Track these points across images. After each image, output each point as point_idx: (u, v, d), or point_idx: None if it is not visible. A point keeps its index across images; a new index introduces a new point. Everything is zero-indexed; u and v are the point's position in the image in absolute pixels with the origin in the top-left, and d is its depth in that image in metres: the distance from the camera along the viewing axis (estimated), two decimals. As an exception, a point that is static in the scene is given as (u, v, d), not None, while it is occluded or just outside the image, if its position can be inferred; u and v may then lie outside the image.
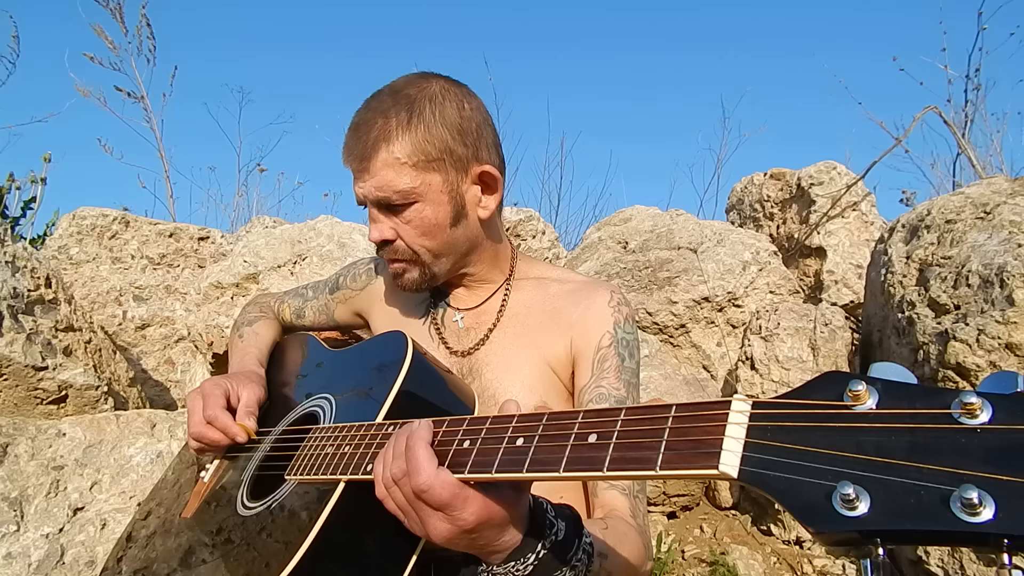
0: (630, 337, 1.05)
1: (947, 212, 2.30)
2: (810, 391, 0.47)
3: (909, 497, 0.40)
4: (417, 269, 1.05)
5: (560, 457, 0.58)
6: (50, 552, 1.67)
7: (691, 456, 0.50)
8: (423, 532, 0.68)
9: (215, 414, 1.01)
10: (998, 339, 1.87)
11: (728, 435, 0.48)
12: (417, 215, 1.00)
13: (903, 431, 0.42)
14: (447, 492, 0.64)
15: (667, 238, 3.23)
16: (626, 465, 0.54)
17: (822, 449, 0.44)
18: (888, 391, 0.44)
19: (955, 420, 0.41)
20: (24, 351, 1.86)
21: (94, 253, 2.74)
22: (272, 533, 0.83)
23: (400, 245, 1.02)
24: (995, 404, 0.40)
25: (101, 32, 4.64)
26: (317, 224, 2.80)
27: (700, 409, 0.52)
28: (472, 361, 1.07)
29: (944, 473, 0.39)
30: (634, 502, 0.95)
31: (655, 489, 2.52)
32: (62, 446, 1.82)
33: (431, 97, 0.99)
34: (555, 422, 0.61)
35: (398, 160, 0.96)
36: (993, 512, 0.38)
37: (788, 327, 2.61)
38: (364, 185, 0.99)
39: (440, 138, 0.98)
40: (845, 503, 0.41)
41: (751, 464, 0.47)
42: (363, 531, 0.78)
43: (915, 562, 1.98)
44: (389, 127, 0.97)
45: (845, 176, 3.38)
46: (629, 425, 0.56)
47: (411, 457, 0.67)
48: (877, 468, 0.41)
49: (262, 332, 1.31)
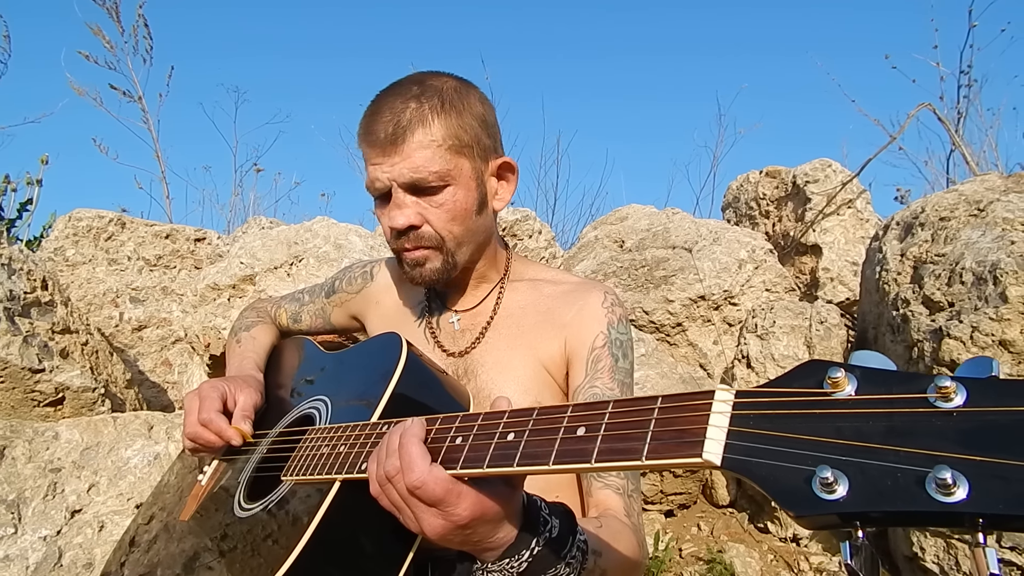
0: (624, 337, 1.06)
1: (941, 209, 2.31)
2: (791, 379, 0.48)
3: (886, 479, 0.41)
4: (440, 258, 1.03)
5: (550, 451, 0.59)
6: (48, 554, 1.67)
7: (676, 446, 0.51)
8: (418, 529, 0.68)
9: (210, 417, 1.01)
10: (992, 336, 1.88)
11: (712, 424, 0.49)
12: (450, 198, 1.00)
13: (880, 416, 0.43)
14: (440, 488, 0.64)
15: (663, 237, 3.24)
16: (613, 456, 0.54)
17: (802, 435, 0.44)
18: (866, 378, 0.45)
19: (931, 404, 0.41)
20: (21, 353, 1.86)
21: (90, 255, 2.74)
22: (268, 534, 0.84)
23: (427, 231, 1.01)
24: (970, 388, 0.41)
25: (98, 31, 4.65)
26: (313, 226, 2.81)
27: (684, 400, 0.53)
28: (467, 362, 1.08)
29: (919, 455, 0.40)
30: (628, 501, 0.95)
31: (652, 487, 2.52)
32: (59, 448, 1.82)
33: (456, 89, 1.02)
34: (545, 416, 0.62)
35: (434, 142, 0.97)
36: (967, 492, 0.38)
37: (784, 325, 2.62)
38: (394, 167, 0.98)
39: (470, 126, 1.01)
40: (824, 487, 0.42)
41: (734, 452, 0.48)
42: (359, 529, 0.79)
43: (911, 558, 1.99)
44: (423, 111, 0.98)
45: (840, 173, 3.40)
46: (616, 418, 0.57)
47: (404, 454, 0.67)
48: (855, 452, 0.42)
49: (260, 337, 1.31)
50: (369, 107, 1.03)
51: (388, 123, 0.97)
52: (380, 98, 1.02)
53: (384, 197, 1.02)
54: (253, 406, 1.07)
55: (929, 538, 1.91)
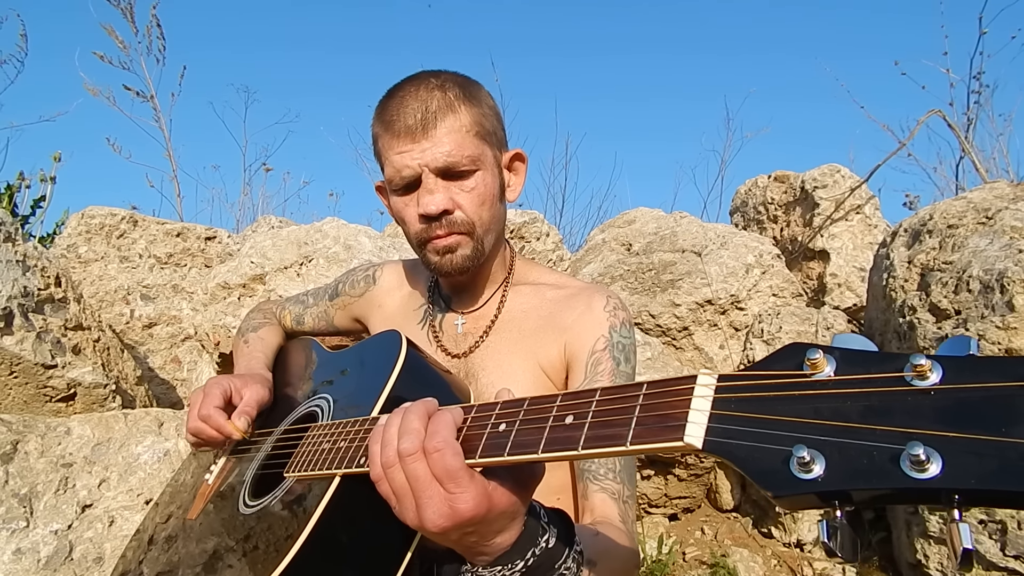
0: (626, 341, 1.05)
1: (949, 217, 2.30)
2: (772, 362, 0.49)
3: (862, 458, 0.41)
4: (471, 244, 1.03)
5: (539, 439, 0.59)
6: (59, 548, 1.69)
7: (659, 430, 0.51)
8: (415, 519, 0.64)
9: (209, 412, 1.03)
10: (998, 344, 1.86)
11: (694, 408, 0.50)
12: (481, 182, 1.01)
13: (858, 396, 0.43)
14: (458, 461, 0.62)
15: (671, 240, 3.24)
16: (599, 442, 0.55)
17: (781, 416, 0.45)
18: (845, 359, 0.45)
19: (907, 382, 0.42)
20: (34, 349, 1.89)
21: (102, 252, 2.78)
22: (271, 530, 0.84)
23: (459, 216, 1.01)
24: (945, 366, 0.42)
25: (111, 31, 4.72)
26: (323, 226, 2.83)
27: (668, 385, 0.54)
28: (468, 364, 1.08)
29: (895, 433, 0.41)
30: (624, 507, 0.94)
31: (657, 491, 2.52)
32: (71, 444, 1.85)
33: (468, 82, 1.05)
34: (535, 407, 0.63)
35: (463, 127, 0.99)
36: (940, 468, 0.39)
37: (790, 330, 2.62)
38: (425, 153, 0.98)
39: (490, 116, 1.03)
40: (801, 466, 0.43)
41: (715, 435, 0.48)
42: (360, 524, 0.79)
43: (914, 565, 1.97)
44: (449, 99, 0.99)
45: (849, 179, 3.39)
46: (603, 405, 0.58)
47: (435, 421, 0.65)
48: (832, 432, 0.43)
49: (267, 337, 1.33)
50: (386, 101, 1.03)
51: (415, 111, 0.98)
52: (397, 91, 1.02)
53: (408, 187, 1.02)
54: (258, 402, 1.08)
55: (933, 545, 1.90)
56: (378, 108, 1.04)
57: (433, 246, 1.03)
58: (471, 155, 0.99)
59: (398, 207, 1.05)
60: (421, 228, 1.02)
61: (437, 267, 1.05)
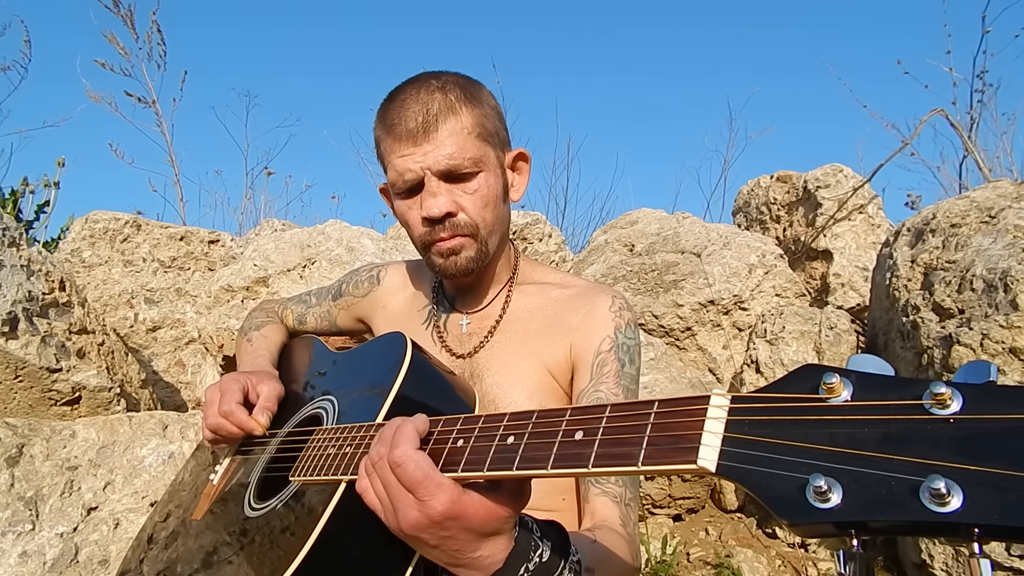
0: (631, 342, 1.05)
1: (952, 216, 2.29)
2: (787, 384, 0.48)
3: (880, 488, 0.41)
4: (475, 246, 1.03)
5: (548, 454, 0.58)
6: (64, 551, 1.69)
7: (671, 451, 0.50)
8: (396, 524, 0.66)
9: (231, 408, 1.03)
10: (1002, 343, 1.86)
11: (707, 430, 0.49)
12: (484, 184, 1.01)
13: (875, 422, 0.43)
14: (420, 472, 0.63)
15: (673, 241, 3.24)
16: (609, 461, 0.54)
17: (796, 442, 0.45)
18: (862, 383, 0.45)
19: (926, 411, 0.41)
20: (39, 353, 1.89)
21: (106, 256, 2.78)
22: (277, 534, 0.84)
23: (463, 218, 1.01)
24: (966, 394, 0.41)
25: (113, 38, 4.72)
26: (326, 228, 2.83)
27: (681, 405, 0.53)
28: (473, 365, 1.08)
29: (914, 464, 0.40)
30: (625, 510, 0.94)
31: (661, 491, 2.52)
32: (76, 447, 1.85)
33: (469, 82, 1.03)
34: (544, 420, 0.62)
35: (464, 129, 0.98)
36: (961, 502, 0.38)
37: (793, 330, 2.61)
38: (427, 156, 0.97)
39: (491, 116, 1.03)
40: (818, 495, 0.42)
41: (728, 458, 0.47)
42: (365, 532, 0.78)
43: (919, 565, 1.97)
44: (450, 101, 0.98)
45: (852, 179, 3.38)
46: (614, 422, 0.57)
47: (396, 433, 0.66)
48: (849, 460, 0.42)
49: (270, 336, 1.33)
50: (387, 104, 1.02)
51: (417, 114, 0.97)
52: (399, 94, 1.01)
53: (411, 190, 1.01)
54: (276, 396, 1.08)
55: (938, 545, 1.90)
56: (380, 111, 1.04)
57: (437, 249, 1.03)
58: (473, 157, 0.99)
59: (402, 210, 1.05)
60: (425, 231, 1.02)
61: (442, 269, 1.05)
